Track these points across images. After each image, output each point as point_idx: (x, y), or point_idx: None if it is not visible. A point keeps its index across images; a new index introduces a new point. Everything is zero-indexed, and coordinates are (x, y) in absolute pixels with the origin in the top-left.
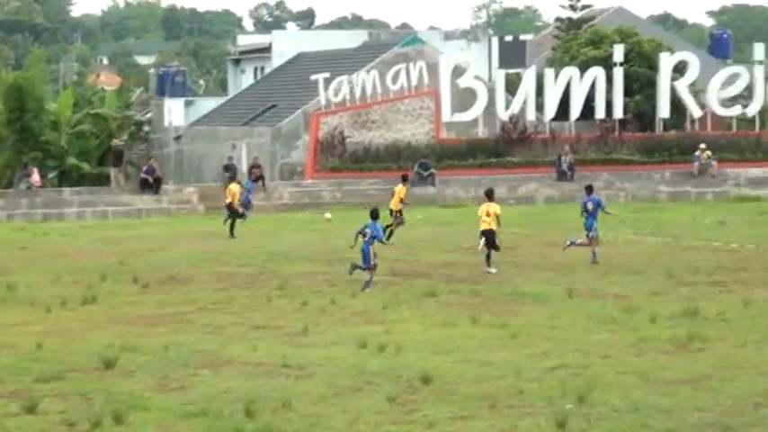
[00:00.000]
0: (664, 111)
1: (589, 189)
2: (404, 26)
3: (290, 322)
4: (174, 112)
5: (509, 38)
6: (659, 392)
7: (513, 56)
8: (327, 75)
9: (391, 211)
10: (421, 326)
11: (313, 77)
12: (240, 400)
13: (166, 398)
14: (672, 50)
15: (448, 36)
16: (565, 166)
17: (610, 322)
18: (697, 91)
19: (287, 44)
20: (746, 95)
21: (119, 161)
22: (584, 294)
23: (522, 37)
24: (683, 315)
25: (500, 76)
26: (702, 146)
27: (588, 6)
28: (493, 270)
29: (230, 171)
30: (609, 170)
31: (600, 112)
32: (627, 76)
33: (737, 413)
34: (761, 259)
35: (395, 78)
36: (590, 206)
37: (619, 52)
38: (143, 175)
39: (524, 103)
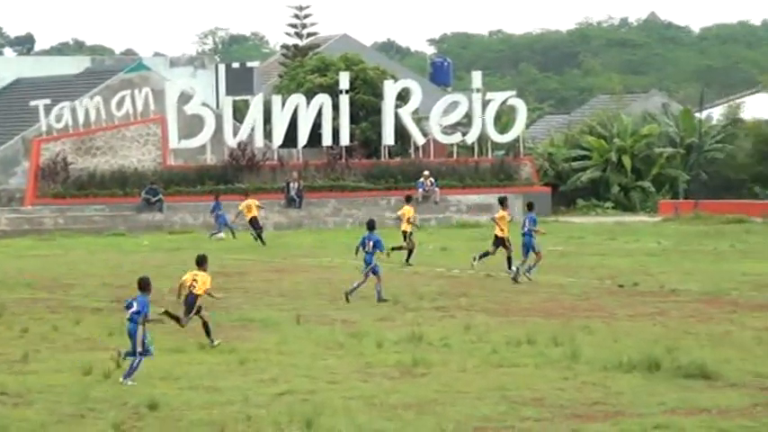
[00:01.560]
0: (389, 138)
1: (529, 206)
2: (128, 52)
3: (8, 350)
4: None
5: (236, 65)
6: (384, 417)
7: (240, 83)
8: (48, 101)
9: (404, 233)
10: None
11: (32, 103)
12: None
13: None
14: (396, 78)
15: (174, 62)
16: (293, 193)
17: (337, 348)
18: (420, 118)
19: (4, 69)
20: (466, 123)
21: None
22: (312, 320)
23: (249, 64)
24: (409, 340)
25: (227, 103)
26: (426, 173)
27: (314, 34)
28: None
29: None
30: (336, 196)
31: (327, 139)
32: (353, 104)
33: None
34: (480, 285)
35: (120, 105)
36: (527, 224)
37: (344, 80)
38: None
39: (252, 129)
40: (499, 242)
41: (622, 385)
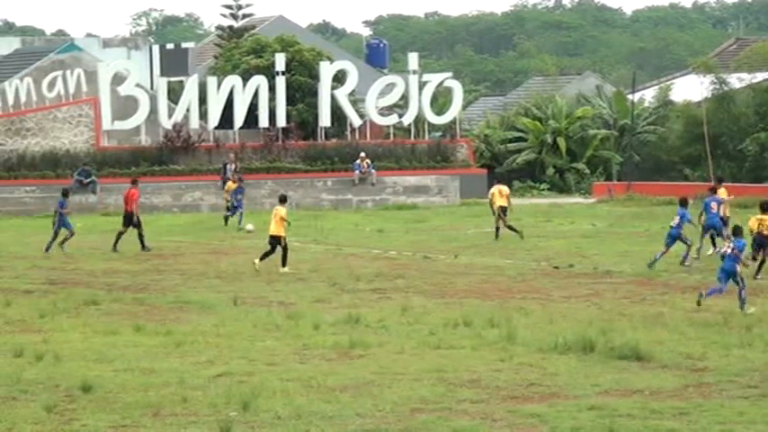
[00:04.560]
0: (325, 120)
1: (682, 202)
2: (60, 33)
3: None
4: None
5: (170, 46)
6: (322, 399)
7: (175, 64)
8: None
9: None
10: (81, 335)
11: None
12: None
13: None
14: (332, 60)
15: (107, 44)
16: (230, 174)
17: (275, 329)
18: (356, 100)
19: None
20: (402, 104)
21: None
22: (249, 302)
23: (183, 45)
24: (346, 322)
25: (162, 85)
26: (362, 154)
27: (249, 15)
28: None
29: None
30: (273, 178)
31: (264, 121)
32: (289, 85)
33: (396, 419)
34: (417, 266)
35: (51, 86)
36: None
37: (280, 61)
38: None
39: (188, 111)
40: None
41: (558, 367)
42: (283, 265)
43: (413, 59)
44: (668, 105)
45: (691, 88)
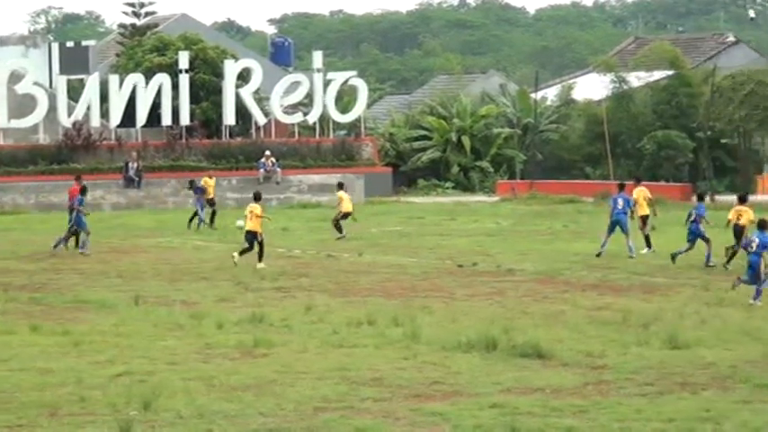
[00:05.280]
0: (230, 118)
1: (700, 197)
2: None
3: None
4: None
5: (70, 44)
6: (224, 398)
7: (75, 62)
8: None
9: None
10: None
11: None
12: None
13: None
14: (236, 58)
15: (4, 41)
16: (132, 173)
17: (177, 329)
18: (261, 98)
19: None
20: (307, 103)
21: None
22: (150, 301)
23: (84, 43)
24: (250, 321)
25: (62, 83)
26: (267, 153)
27: (152, 13)
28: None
29: None
30: (177, 176)
31: (167, 119)
32: (193, 83)
33: (298, 417)
34: (321, 265)
35: None
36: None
37: (184, 59)
38: None
39: (88, 109)
40: None
41: (461, 365)
42: (260, 260)
43: (317, 58)
44: (570, 104)
45: (592, 87)
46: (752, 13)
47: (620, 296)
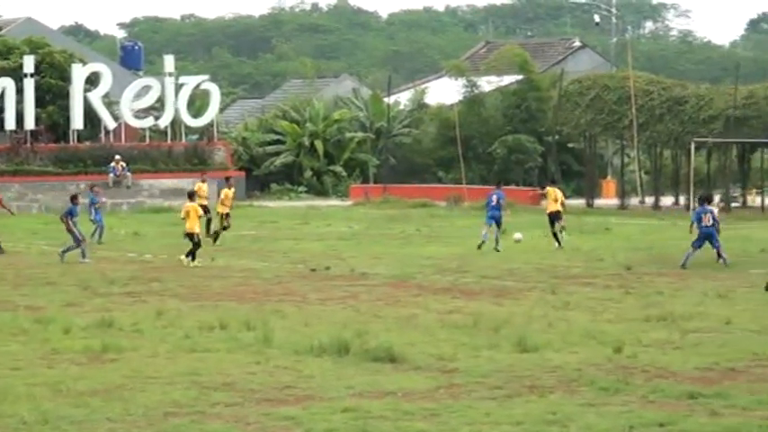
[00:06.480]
0: (78, 122)
1: (707, 199)
2: None
3: None
4: None
5: None
6: (71, 404)
7: None
8: None
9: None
10: None
11: None
12: None
13: None
14: (84, 62)
15: None
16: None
17: (21, 334)
18: (111, 102)
19: None
20: (158, 107)
21: None
22: None
23: None
24: (98, 326)
25: None
26: (117, 157)
27: None
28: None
29: None
30: (21, 181)
31: (11, 123)
32: (38, 88)
33: (147, 423)
34: (173, 270)
35: None
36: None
37: (29, 63)
38: None
39: None
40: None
41: (313, 369)
42: (187, 255)
43: (169, 62)
44: (423, 108)
45: (444, 91)
46: (597, 18)
47: (471, 300)
